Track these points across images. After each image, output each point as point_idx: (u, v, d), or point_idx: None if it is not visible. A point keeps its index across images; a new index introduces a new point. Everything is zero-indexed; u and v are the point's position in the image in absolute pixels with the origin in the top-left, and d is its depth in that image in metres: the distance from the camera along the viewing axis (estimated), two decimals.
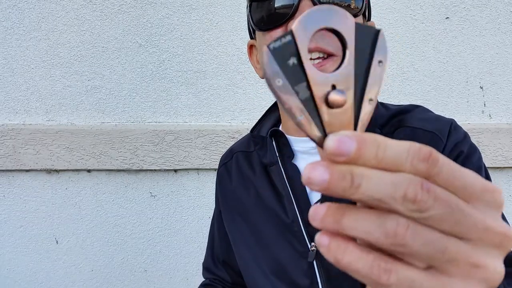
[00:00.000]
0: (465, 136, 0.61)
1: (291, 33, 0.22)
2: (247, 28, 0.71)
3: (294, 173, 0.64)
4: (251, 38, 0.70)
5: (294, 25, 0.23)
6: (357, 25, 0.23)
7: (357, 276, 0.21)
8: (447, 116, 0.65)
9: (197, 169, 1.33)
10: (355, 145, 0.20)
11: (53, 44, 1.29)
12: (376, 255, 0.21)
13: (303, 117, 0.22)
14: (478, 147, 0.63)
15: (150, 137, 1.29)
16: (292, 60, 0.22)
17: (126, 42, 1.31)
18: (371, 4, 0.66)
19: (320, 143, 0.22)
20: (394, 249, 0.20)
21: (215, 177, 0.83)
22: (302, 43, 0.22)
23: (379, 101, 0.68)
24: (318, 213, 0.21)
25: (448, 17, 1.36)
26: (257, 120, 0.77)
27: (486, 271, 0.21)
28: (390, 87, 1.37)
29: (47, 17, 1.28)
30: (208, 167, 1.32)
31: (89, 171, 1.32)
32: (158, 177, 1.34)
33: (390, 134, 0.62)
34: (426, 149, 0.20)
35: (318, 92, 0.23)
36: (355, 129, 0.23)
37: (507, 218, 0.58)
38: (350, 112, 0.23)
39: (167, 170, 1.33)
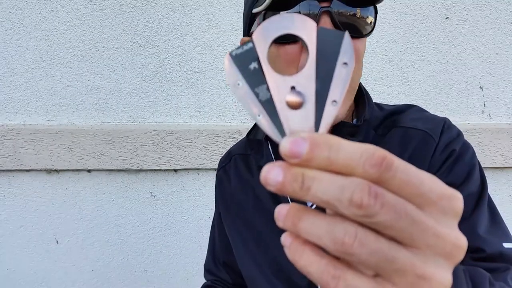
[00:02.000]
0: (458, 134, 0.61)
1: (251, 40, 0.24)
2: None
3: None
4: (246, 35, 0.69)
5: (254, 33, 0.24)
6: (320, 29, 0.24)
7: (311, 278, 0.22)
8: (447, 116, 0.65)
9: (197, 169, 1.33)
10: (307, 147, 0.20)
11: (53, 44, 1.29)
12: (328, 260, 0.21)
13: (261, 117, 0.24)
14: (478, 147, 0.63)
15: (150, 137, 1.29)
16: (253, 65, 0.24)
17: (126, 42, 1.31)
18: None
19: (278, 143, 0.23)
20: (342, 256, 0.20)
21: (215, 178, 0.84)
22: (261, 50, 0.24)
23: (375, 101, 0.68)
24: (280, 213, 0.22)
25: (448, 17, 1.36)
26: (253, 124, 0.78)
27: (432, 282, 0.21)
28: (390, 87, 1.37)
29: (47, 17, 1.29)
30: (208, 167, 1.32)
31: (89, 171, 1.32)
32: (158, 177, 1.34)
33: (384, 135, 0.62)
34: (379, 153, 0.20)
35: (278, 93, 0.24)
36: (316, 130, 0.23)
37: (506, 220, 0.58)
38: (311, 114, 0.23)
39: (167, 170, 1.33)
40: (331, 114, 0.24)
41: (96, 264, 1.36)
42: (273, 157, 0.68)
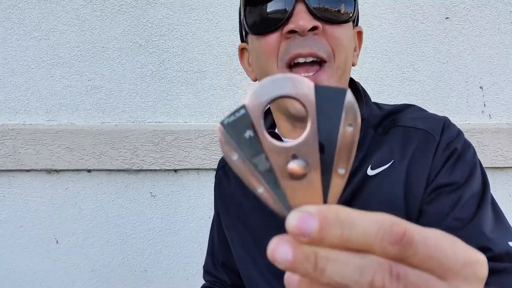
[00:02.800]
0: (459, 133, 0.61)
1: (244, 107, 0.22)
2: (240, 33, 0.71)
3: None
4: (242, 41, 0.70)
5: (246, 98, 0.22)
6: (318, 87, 0.22)
7: None
8: (447, 116, 0.65)
9: (197, 169, 1.33)
10: (317, 225, 0.18)
11: (53, 44, 1.29)
12: None
13: (263, 190, 0.22)
14: (478, 147, 0.64)
15: (150, 137, 1.29)
16: (248, 133, 0.22)
17: (126, 42, 1.31)
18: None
19: (284, 218, 0.21)
20: None
21: (215, 178, 0.83)
22: (256, 115, 0.22)
23: (373, 101, 0.69)
24: (291, 283, 0.20)
25: (448, 17, 1.36)
26: None
27: None
28: (390, 87, 1.37)
29: (47, 17, 1.28)
30: (208, 167, 1.32)
31: (89, 171, 1.32)
32: (158, 177, 1.34)
33: (384, 135, 0.62)
34: (398, 229, 0.18)
35: (278, 163, 0.22)
36: (325, 201, 0.22)
37: (507, 219, 0.58)
38: (317, 183, 0.21)
39: (167, 170, 1.33)
40: (340, 181, 0.22)
41: (96, 264, 1.36)
42: None
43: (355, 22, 0.65)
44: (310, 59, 0.55)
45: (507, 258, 0.51)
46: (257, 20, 0.58)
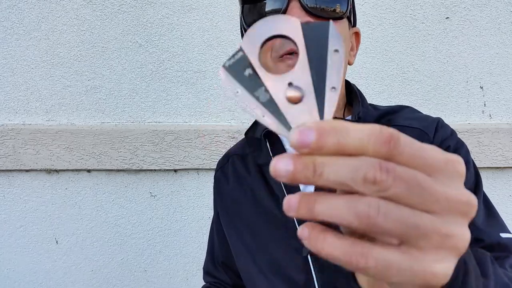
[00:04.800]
0: (452, 132, 0.64)
1: (241, 49, 0.25)
2: (241, 31, 0.71)
3: None
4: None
5: (243, 41, 0.25)
6: (304, 24, 0.25)
7: (338, 263, 0.22)
8: (447, 116, 0.66)
9: (197, 169, 1.33)
10: (315, 135, 0.21)
11: (53, 44, 1.29)
12: (352, 241, 0.21)
13: (266, 117, 0.24)
14: (478, 147, 0.65)
15: (150, 137, 1.29)
16: (248, 71, 0.25)
17: (126, 42, 1.31)
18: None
19: (287, 138, 0.23)
20: (369, 230, 0.21)
21: (213, 179, 0.84)
22: (252, 55, 0.25)
23: (369, 102, 0.70)
24: (292, 203, 0.22)
25: (448, 17, 1.35)
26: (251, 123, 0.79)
27: (455, 239, 0.22)
28: (390, 87, 1.37)
29: (47, 17, 1.28)
30: (208, 167, 1.32)
31: (89, 171, 1.32)
32: (158, 177, 1.34)
33: None
34: (386, 131, 0.21)
35: (277, 92, 0.24)
36: (322, 117, 0.24)
37: (506, 220, 0.59)
38: (313, 104, 0.24)
39: (167, 170, 1.33)
40: (332, 100, 0.24)
41: (96, 264, 1.36)
42: (271, 154, 0.69)
43: (352, 23, 0.66)
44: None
45: (498, 247, 0.53)
46: (254, 17, 0.61)
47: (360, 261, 0.21)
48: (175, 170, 1.34)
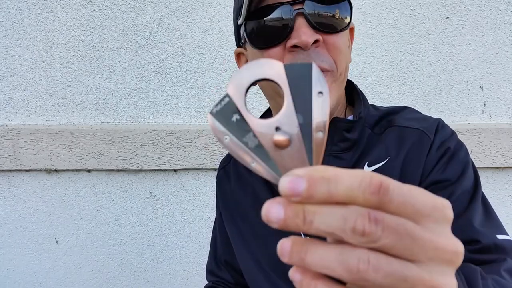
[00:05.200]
0: (452, 133, 0.64)
1: (227, 95, 0.26)
2: (237, 43, 0.71)
3: None
4: (238, 46, 0.72)
5: (229, 88, 0.26)
6: (286, 66, 0.25)
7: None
8: (447, 116, 0.67)
9: (197, 169, 1.33)
10: (305, 185, 0.21)
11: (53, 44, 1.29)
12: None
13: (255, 164, 0.24)
14: (478, 147, 0.65)
15: (150, 137, 1.29)
16: (235, 117, 0.25)
17: (126, 42, 1.31)
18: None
19: (277, 185, 0.23)
20: (359, 283, 0.21)
21: (215, 178, 0.85)
22: (238, 100, 0.25)
23: (370, 103, 0.70)
24: (284, 249, 0.22)
25: (448, 17, 1.35)
26: None
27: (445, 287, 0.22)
28: (390, 87, 1.37)
29: (47, 17, 1.28)
30: (208, 167, 1.32)
31: (89, 171, 1.32)
32: (158, 177, 1.34)
33: (381, 134, 0.64)
34: (376, 180, 0.21)
35: (264, 137, 0.25)
36: (310, 163, 0.24)
37: (506, 220, 0.59)
38: (302, 148, 0.24)
39: (167, 170, 1.33)
40: (320, 143, 0.24)
41: (95, 264, 1.36)
42: None
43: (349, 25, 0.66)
44: None
45: (495, 250, 0.53)
46: (259, 34, 0.59)
47: None
48: (175, 170, 1.34)
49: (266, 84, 0.25)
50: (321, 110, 0.24)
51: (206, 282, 0.88)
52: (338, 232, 0.21)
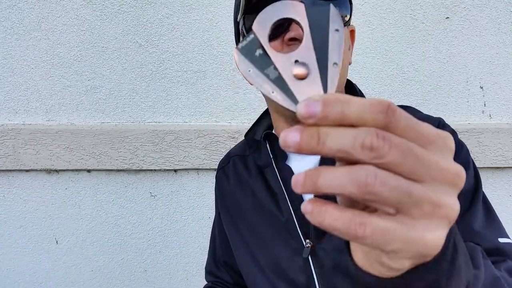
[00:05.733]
0: (453, 133, 0.63)
1: (252, 31, 0.28)
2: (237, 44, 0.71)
3: (287, 173, 0.66)
4: (237, 44, 0.71)
5: (254, 25, 0.28)
6: (307, 7, 0.28)
7: (339, 234, 0.23)
8: (447, 116, 0.66)
9: (197, 169, 1.33)
10: (320, 106, 0.22)
11: (53, 44, 1.29)
12: (352, 212, 0.23)
13: (275, 93, 0.26)
14: (478, 147, 0.65)
15: (150, 137, 1.29)
16: (258, 52, 0.27)
17: (126, 42, 1.31)
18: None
19: (295, 112, 0.25)
20: (367, 198, 0.22)
21: (214, 180, 0.84)
22: (262, 37, 0.27)
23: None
24: (298, 180, 0.23)
25: (448, 17, 1.35)
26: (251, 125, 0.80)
27: (446, 208, 0.23)
28: (390, 87, 1.37)
29: (47, 17, 1.28)
30: (208, 167, 1.32)
31: (89, 171, 1.32)
32: (158, 177, 1.34)
33: None
34: (384, 102, 0.22)
35: (284, 69, 0.26)
36: (325, 91, 0.26)
37: (506, 220, 0.59)
38: (317, 79, 0.26)
39: (167, 170, 1.33)
40: (335, 75, 0.26)
41: (95, 264, 1.36)
42: (271, 156, 0.69)
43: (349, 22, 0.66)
44: None
45: (496, 253, 0.52)
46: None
47: (358, 230, 0.22)
48: (175, 170, 1.34)
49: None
50: (337, 45, 0.26)
51: (206, 282, 0.88)
52: (348, 148, 0.22)
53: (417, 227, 0.23)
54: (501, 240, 0.54)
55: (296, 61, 0.26)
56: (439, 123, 0.64)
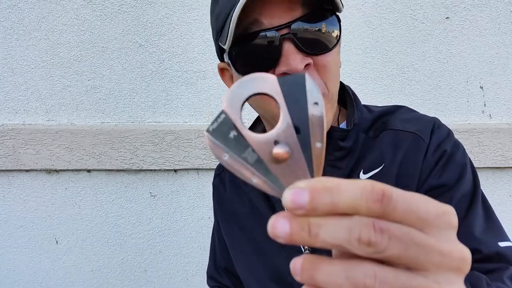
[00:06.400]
0: (448, 134, 0.61)
1: (223, 112, 0.25)
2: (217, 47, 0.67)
3: None
4: (221, 60, 0.69)
5: (223, 104, 0.25)
6: (280, 79, 0.25)
7: None
8: (447, 116, 0.65)
9: (197, 169, 1.33)
10: (308, 197, 0.21)
11: (53, 44, 1.29)
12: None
13: (257, 179, 0.24)
14: (478, 147, 0.64)
15: (150, 137, 1.29)
16: (232, 133, 0.25)
17: (126, 42, 1.31)
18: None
19: (280, 199, 0.23)
20: None
21: (212, 186, 0.84)
22: (235, 116, 0.25)
23: (364, 103, 0.68)
24: (296, 268, 0.22)
25: (448, 17, 1.35)
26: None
27: None
28: (390, 87, 1.37)
29: (47, 17, 1.28)
30: (208, 167, 1.32)
31: (89, 171, 1.32)
32: (158, 177, 1.34)
33: (375, 138, 0.62)
34: (378, 188, 0.21)
35: (264, 152, 0.24)
36: (311, 175, 0.24)
37: (506, 220, 0.58)
38: (302, 160, 0.24)
39: (167, 170, 1.33)
40: (319, 154, 0.24)
41: (95, 264, 1.36)
42: None
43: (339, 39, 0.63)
44: None
45: (497, 258, 0.52)
46: (245, 62, 0.56)
47: None
48: (175, 170, 1.34)
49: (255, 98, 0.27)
50: (318, 121, 0.24)
51: (206, 282, 0.88)
52: (344, 243, 0.20)
53: None
54: (502, 244, 0.53)
55: (276, 142, 0.24)
56: (434, 125, 0.62)
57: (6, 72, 1.29)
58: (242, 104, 0.25)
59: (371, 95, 1.36)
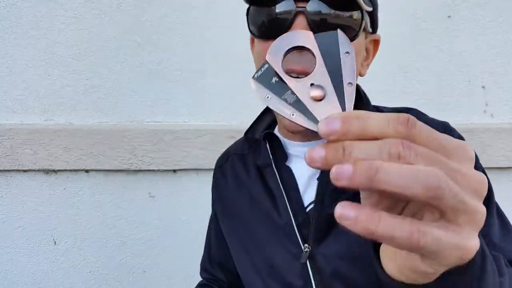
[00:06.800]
0: (460, 138, 0.62)
1: (266, 62, 0.31)
2: (247, 26, 0.70)
3: (288, 175, 0.64)
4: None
5: (267, 56, 0.31)
6: (316, 35, 0.30)
7: (392, 243, 0.22)
8: (449, 116, 0.65)
9: (197, 169, 1.32)
10: (340, 123, 0.23)
11: (51, 43, 1.28)
12: (409, 220, 0.22)
13: (295, 115, 0.28)
14: (480, 147, 0.64)
15: (149, 137, 1.28)
16: (274, 79, 0.30)
17: (124, 41, 1.30)
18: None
19: (316, 132, 0.26)
20: (430, 202, 0.21)
21: (212, 177, 0.83)
22: (276, 66, 0.30)
23: (373, 104, 0.68)
24: (345, 170, 0.22)
25: (450, 16, 1.35)
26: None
27: (480, 215, 0.24)
28: (392, 87, 1.36)
29: (45, 16, 1.28)
30: (207, 167, 1.30)
31: (87, 171, 1.31)
32: (157, 177, 1.33)
33: None
34: (404, 115, 0.23)
35: (302, 93, 0.28)
36: (344, 110, 0.27)
37: (509, 219, 0.58)
38: (335, 99, 0.27)
39: (166, 170, 1.32)
40: (351, 94, 0.27)
41: (94, 265, 1.35)
42: (271, 156, 0.67)
43: (374, 29, 0.64)
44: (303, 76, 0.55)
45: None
46: (258, 24, 0.58)
47: (421, 239, 0.21)
48: (174, 171, 1.33)
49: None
50: (349, 66, 0.28)
51: (199, 273, 0.88)
52: (375, 157, 0.22)
53: (463, 234, 0.23)
54: None
55: (312, 84, 0.28)
56: (446, 128, 0.62)
57: (4, 71, 1.28)
58: (284, 56, 0.30)
59: (372, 95, 1.35)
